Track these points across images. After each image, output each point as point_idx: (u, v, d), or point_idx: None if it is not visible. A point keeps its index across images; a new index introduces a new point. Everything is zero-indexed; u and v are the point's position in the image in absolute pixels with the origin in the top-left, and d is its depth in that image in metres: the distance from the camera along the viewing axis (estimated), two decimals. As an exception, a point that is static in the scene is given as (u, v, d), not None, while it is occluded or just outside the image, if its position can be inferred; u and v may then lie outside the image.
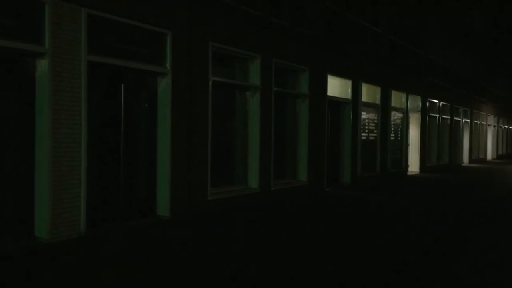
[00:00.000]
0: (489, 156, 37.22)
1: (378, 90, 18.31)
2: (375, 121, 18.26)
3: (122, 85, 8.93)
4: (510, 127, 45.81)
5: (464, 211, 11.75)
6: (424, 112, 23.09)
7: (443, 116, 26.15)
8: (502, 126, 42.48)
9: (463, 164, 29.62)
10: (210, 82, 10.38)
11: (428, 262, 7.00)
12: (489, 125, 37.30)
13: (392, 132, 19.67)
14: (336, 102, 15.63)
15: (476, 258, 7.38)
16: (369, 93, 17.66)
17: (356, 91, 16.43)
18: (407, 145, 21.35)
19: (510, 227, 10.20)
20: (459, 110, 28.98)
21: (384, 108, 18.72)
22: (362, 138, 17.07)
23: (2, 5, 7.05)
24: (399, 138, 20.51)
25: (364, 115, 17.29)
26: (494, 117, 38.82)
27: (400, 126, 20.64)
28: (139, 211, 9.28)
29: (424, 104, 23.08)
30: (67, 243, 7.40)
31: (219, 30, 10.60)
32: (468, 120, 30.98)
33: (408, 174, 21.23)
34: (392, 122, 19.62)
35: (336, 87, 15.54)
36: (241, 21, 11.23)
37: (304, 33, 13.39)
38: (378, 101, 18.34)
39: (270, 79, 12.20)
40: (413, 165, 22.30)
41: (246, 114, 11.94)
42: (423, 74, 22.62)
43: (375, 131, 18.26)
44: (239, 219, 9.98)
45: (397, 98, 20.13)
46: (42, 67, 7.37)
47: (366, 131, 17.53)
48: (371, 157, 17.92)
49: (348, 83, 16.11)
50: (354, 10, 16.11)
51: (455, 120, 28.24)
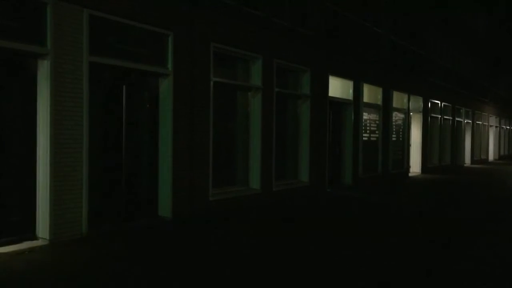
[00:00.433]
0: (491, 157, 37.20)
1: (380, 91, 18.31)
2: (377, 122, 18.26)
3: (124, 86, 8.94)
4: (512, 128, 45.82)
5: (470, 213, 11.74)
6: (426, 113, 23.08)
7: (445, 117, 26.13)
8: (504, 127, 42.45)
9: (465, 165, 29.60)
10: (212, 83, 10.40)
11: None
12: (491, 126, 37.27)
13: (394, 133, 19.67)
14: (338, 103, 15.63)
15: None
16: (371, 94, 17.66)
17: (358, 92, 16.43)
18: (409, 146, 21.34)
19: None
20: (461, 111, 28.96)
21: (386, 109, 18.72)
22: (364, 139, 17.06)
23: (4, 6, 7.07)
24: (401, 139, 20.51)
25: (366, 116, 17.29)
26: (496, 118, 38.80)
27: (402, 127, 20.63)
28: (141, 212, 9.29)
29: (426, 105, 23.07)
30: (69, 244, 7.41)
31: (221, 31, 10.61)
32: (470, 121, 30.95)
33: (410, 175, 21.22)
34: (394, 123, 19.62)
35: (338, 88, 15.55)
36: (243, 22, 11.25)
37: (306, 34, 13.40)
38: (380, 102, 18.34)
39: (272, 80, 12.21)
40: (415, 166, 22.30)
41: (248, 115, 11.95)
42: (425, 75, 22.62)
43: (377, 132, 18.25)
44: (240, 220, 9.99)
45: (399, 99, 20.13)
46: (44, 68, 7.39)
47: (368, 132, 17.52)
48: (373, 158, 17.91)
49: (350, 84, 16.11)
50: (356, 11, 16.11)
51: (457, 121, 28.22)
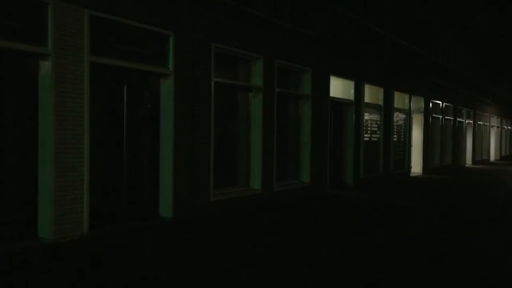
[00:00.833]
0: (492, 157, 37.15)
1: (381, 91, 18.29)
2: (378, 122, 18.24)
3: (125, 86, 8.94)
4: (514, 128, 45.78)
5: (473, 213, 11.73)
6: (427, 113, 23.06)
7: (446, 117, 26.11)
8: (506, 127, 42.40)
9: (466, 165, 29.56)
10: (213, 83, 10.39)
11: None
12: (492, 126, 37.23)
13: (395, 133, 19.65)
14: (339, 103, 15.62)
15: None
16: (372, 94, 17.65)
17: (359, 92, 16.42)
18: (410, 146, 21.31)
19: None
20: (462, 111, 28.93)
21: (387, 109, 18.70)
22: (365, 139, 17.04)
23: (5, 7, 7.08)
24: (402, 139, 20.49)
25: (367, 116, 17.27)
26: (498, 118, 38.76)
27: (403, 127, 20.61)
28: (142, 212, 9.29)
29: (427, 105, 23.05)
30: (70, 244, 7.41)
31: (222, 31, 10.61)
32: (471, 121, 30.92)
33: (411, 176, 21.20)
34: (395, 123, 19.60)
35: (339, 88, 15.54)
36: (244, 22, 11.24)
37: (307, 34, 13.39)
38: (381, 102, 18.32)
39: (273, 80, 12.21)
40: (416, 166, 22.27)
41: (249, 115, 11.94)
42: (426, 75, 22.60)
43: (378, 132, 18.24)
44: (241, 220, 9.98)
45: (400, 99, 20.11)
46: (45, 68, 7.40)
47: (369, 132, 17.51)
48: (374, 158, 17.89)
49: (351, 84, 16.10)
50: (357, 11, 16.10)
51: (458, 121, 28.19)
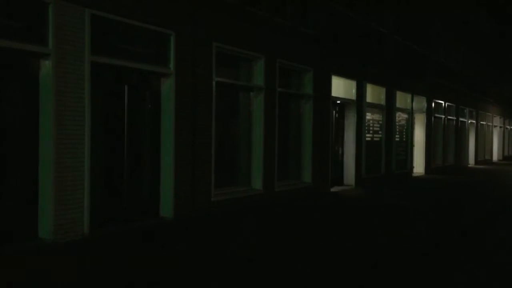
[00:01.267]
0: (495, 157, 37.07)
1: (383, 91, 18.26)
2: (380, 122, 18.21)
3: (126, 86, 8.94)
4: (516, 128, 45.67)
5: (476, 213, 11.70)
6: (429, 113, 23.02)
7: (449, 117, 26.06)
8: (508, 127, 42.31)
9: (469, 166, 29.51)
10: (214, 83, 10.38)
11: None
12: (495, 126, 37.15)
13: (397, 133, 19.61)
14: (341, 103, 15.59)
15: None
16: (374, 94, 17.62)
17: (361, 92, 16.39)
18: (412, 146, 21.28)
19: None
20: (465, 111, 28.88)
21: (389, 109, 18.66)
22: (367, 139, 17.01)
23: (6, 6, 7.07)
24: (404, 139, 20.45)
25: (369, 116, 17.24)
26: (500, 118, 38.67)
27: (405, 127, 20.58)
28: (143, 212, 9.28)
29: (429, 105, 23.01)
30: (70, 244, 7.41)
31: (223, 31, 10.59)
32: (474, 121, 30.87)
33: (413, 176, 21.16)
34: (397, 123, 19.57)
35: (341, 88, 15.51)
36: (245, 22, 11.22)
37: (308, 33, 13.36)
38: (383, 102, 18.29)
39: (274, 80, 12.18)
40: (418, 166, 22.22)
41: (250, 115, 11.93)
42: (428, 75, 22.55)
43: (380, 132, 18.20)
44: (242, 220, 9.97)
45: (402, 99, 20.07)
46: (46, 68, 7.38)
47: (371, 132, 17.48)
48: (376, 158, 17.86)
49: (353, 84, 16.07)
50: (359, 10, 16.07)
51: (461, 121, 28.14)
